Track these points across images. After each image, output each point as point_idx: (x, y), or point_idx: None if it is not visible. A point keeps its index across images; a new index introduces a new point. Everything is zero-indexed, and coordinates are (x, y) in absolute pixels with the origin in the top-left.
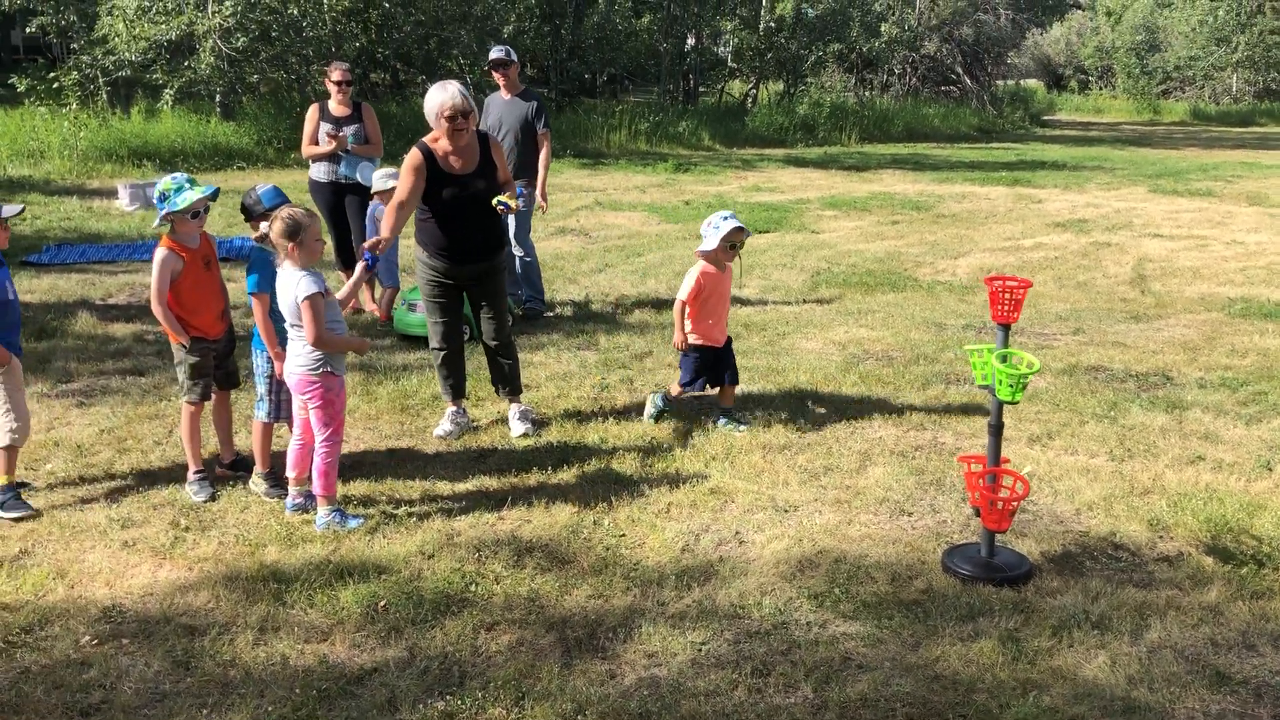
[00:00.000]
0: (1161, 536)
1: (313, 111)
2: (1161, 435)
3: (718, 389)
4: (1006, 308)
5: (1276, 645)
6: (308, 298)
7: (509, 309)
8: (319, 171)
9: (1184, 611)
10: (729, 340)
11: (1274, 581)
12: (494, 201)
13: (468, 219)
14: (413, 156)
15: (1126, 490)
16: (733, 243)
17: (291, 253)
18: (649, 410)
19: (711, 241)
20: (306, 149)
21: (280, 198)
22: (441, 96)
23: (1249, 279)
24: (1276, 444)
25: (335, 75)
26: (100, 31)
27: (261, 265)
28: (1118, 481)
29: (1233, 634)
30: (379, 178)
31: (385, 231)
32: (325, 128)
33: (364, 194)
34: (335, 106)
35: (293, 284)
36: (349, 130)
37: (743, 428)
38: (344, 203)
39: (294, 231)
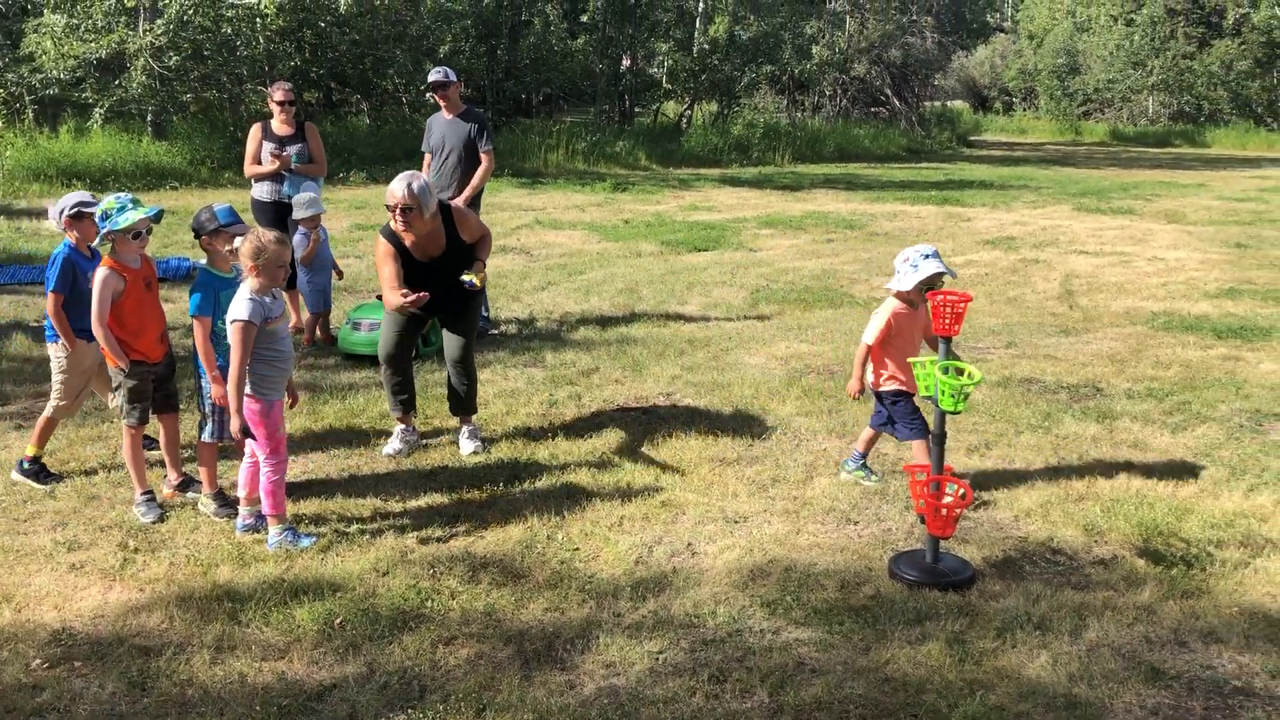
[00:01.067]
0: (1096, 541)
1: (255, 130)
2: (1093, 444)
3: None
4: (948, 321)
5: (1206, 641)
6: (237, 321)
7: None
8: (262, 191)
9: (1119, 611)
10: None
11: (1202, 581)
12: (463, 277)
13: (438, 294)
14: (383, 248)
15: (1062, 497)
16: (931, 285)
17: (250, 272)
18: (861, 480)
19: (907, 281)
20: (249, 168)
21: (235, 218)
22: (392, 187)
23: (1170, 294)
24: (1201, 450)
25: (278, 95)
26: (26, 49)
27: (204, 287)
28: (1053, 489)
29: (1165, 632)
30: (300, 205)
31: (398, 302)
32: (268, 147)
33: None
34: (278, 126)
35: (235, 302)
36: (292, 150)
37: (873, 478)
38: (287, 223)
39: (256, 253)
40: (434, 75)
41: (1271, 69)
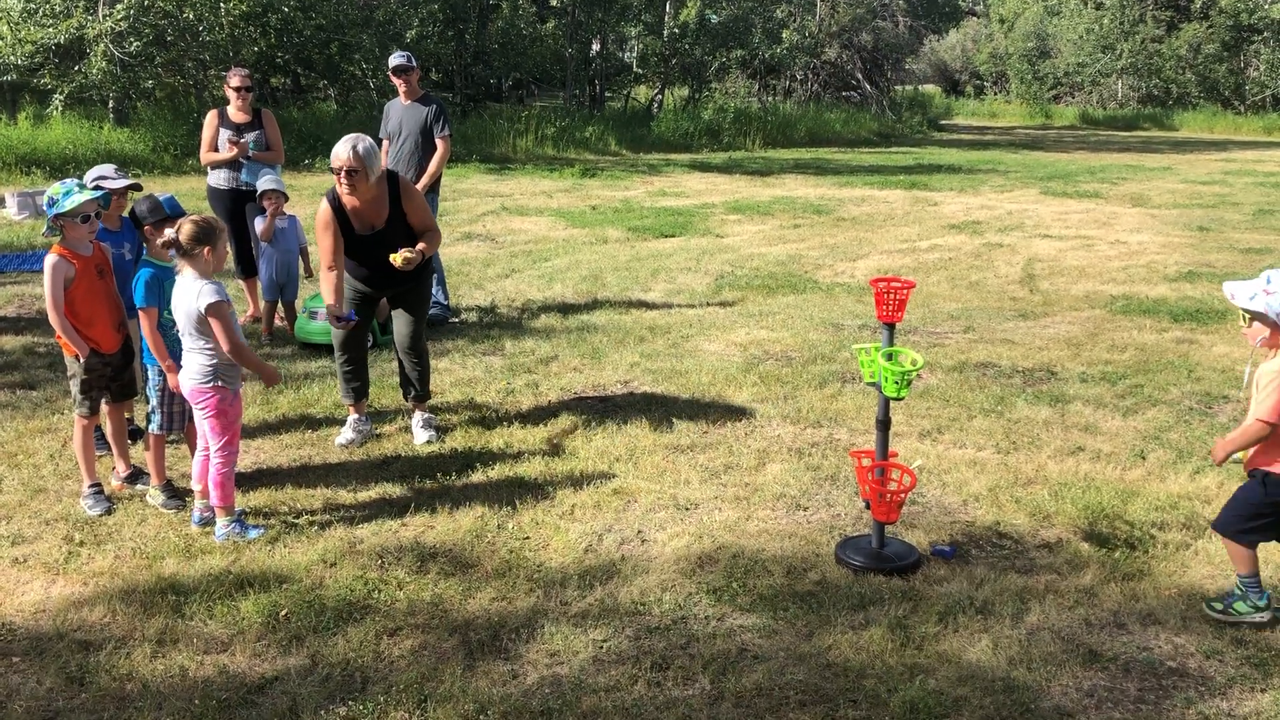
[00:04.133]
0: (1043, 524)
1: (212, 117)
2: (1045, 428)
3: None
4: (891, 307)
5: (1145, 623)
6: (212, 305)
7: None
8: (218, 179)
9: (1061, 595)
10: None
11: (1144, 563)
12: (392, 256)
13: (378, 265)
14: (323, 213)
15: (1011, 481)
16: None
17: (206, 257)
18: (1256, 616)
19: None
20: (206, 156)
21: (178, 209)
22: (336, 149)
23: (1130, 277)
24: (1150, 434)
25: (234, 81)
26: None
27: (148, 278)
28: (1003, 473)
29: (1105, 614)
30: (264, 181)
31: (329, 297)
32: (225, 134)
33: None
34: (235, 113)
35: (193, 293)
36: (250, 137)
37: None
38: (244, 210)
39: (207, 235)
40: (396, 59)
41: (1238, 52)
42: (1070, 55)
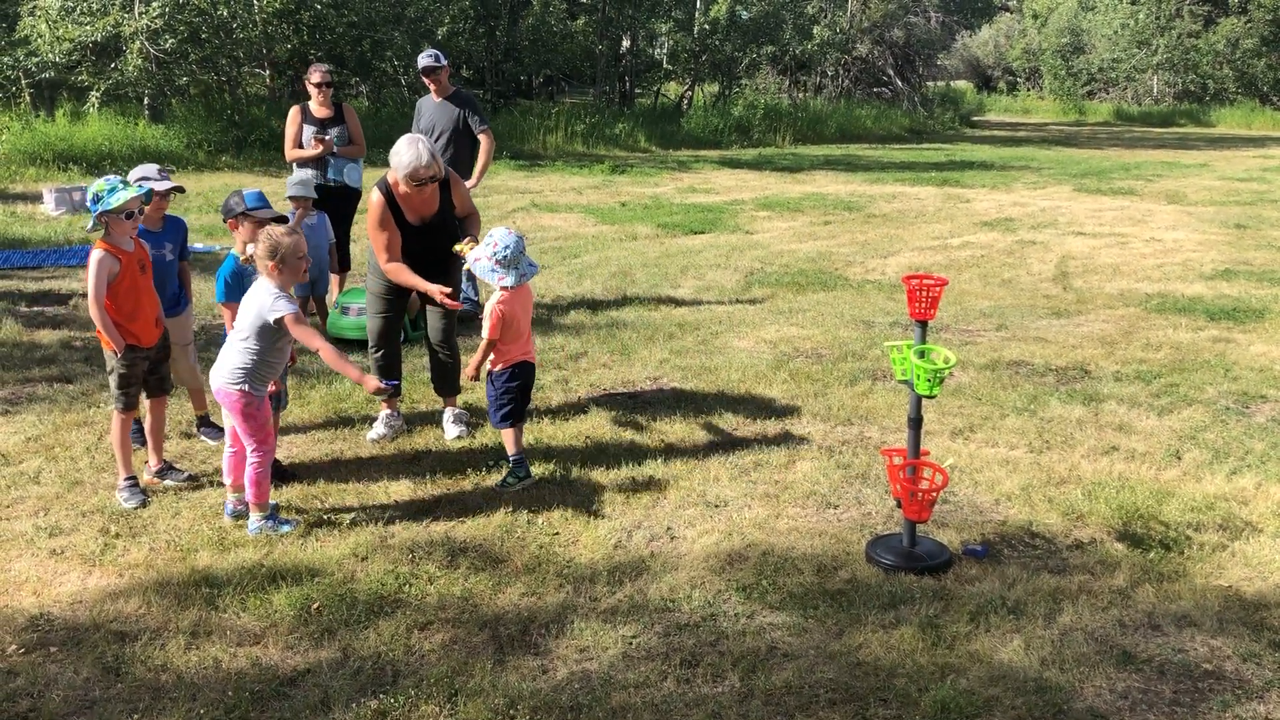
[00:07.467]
0: (1076, 524)
1: (294, 114)
2: (1078, 427)
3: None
4: (923, 305)
5: (1179, 625)
6: (280, 320)
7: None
8: (304, 175)
9: (1095, 595)
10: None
11: (1179, 564)
12: (456, 247)
13: (421, 256)
14: (377, 207)
15: (1044, 480)
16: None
17: (272, 271)
18: (519, 486)
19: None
20: (291, 152)
21: (264, 202)
22: (410, 157)
23: (1165, 275)
24: (1186, 434)
25: (315, 77)
26: (22, 32)
27: (229, 274)
28: (1035, 472)
29: (1139, 615)
30: (292, 184)
31: (414, 282)
32: (309, 131)
33: (350, 198)
34: (317, 109)
35: (266, 302)
36: (334, 132)
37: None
38: (330, 206)
39: (272, 251)
40: (424, 60)
41: (1278, 47)
42: (1105, 51)
